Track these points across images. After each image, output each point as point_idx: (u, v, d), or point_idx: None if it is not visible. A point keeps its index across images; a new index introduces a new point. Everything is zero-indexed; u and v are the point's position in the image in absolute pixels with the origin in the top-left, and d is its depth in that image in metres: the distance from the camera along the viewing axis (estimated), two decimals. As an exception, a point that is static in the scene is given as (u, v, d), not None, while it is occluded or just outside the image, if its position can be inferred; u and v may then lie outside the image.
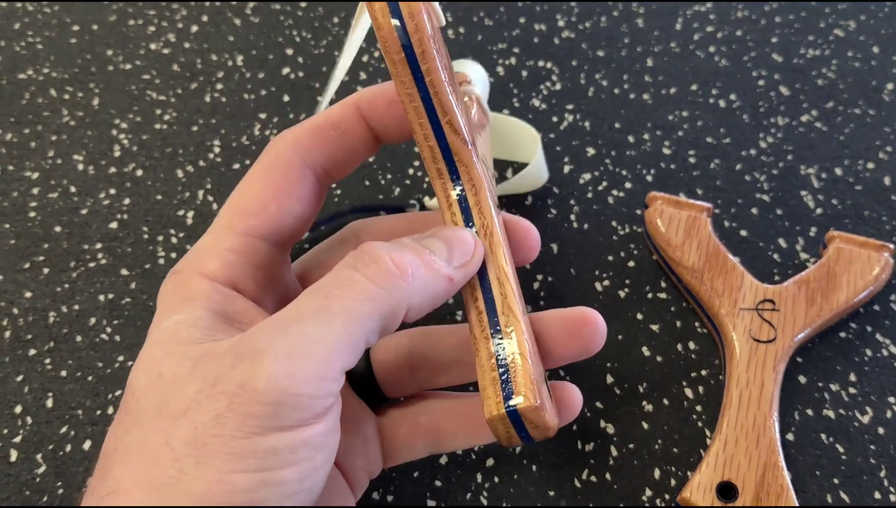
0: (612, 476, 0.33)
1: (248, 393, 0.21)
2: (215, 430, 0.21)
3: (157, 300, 0.26)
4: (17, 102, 0.47)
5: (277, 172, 0.27)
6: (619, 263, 0.39)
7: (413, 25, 0.25)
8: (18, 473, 0.33)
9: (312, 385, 0.22)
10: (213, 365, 0.22)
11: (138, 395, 0.23)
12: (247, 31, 0.50)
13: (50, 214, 0.42)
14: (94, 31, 0.51)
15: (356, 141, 0.28)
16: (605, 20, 0.49)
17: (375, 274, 0.24)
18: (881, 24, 0.48)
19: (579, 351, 0.28)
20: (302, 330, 0.22)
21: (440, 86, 0.26)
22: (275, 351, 0.22)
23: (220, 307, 0.25)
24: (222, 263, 0.26)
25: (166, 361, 0.23)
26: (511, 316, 0.26)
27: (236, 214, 0.27)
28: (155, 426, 0.22)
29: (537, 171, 0.40)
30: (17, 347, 0.37)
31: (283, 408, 0.21)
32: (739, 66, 0.46)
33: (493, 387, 0.25)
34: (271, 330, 0.22)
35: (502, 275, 0.27)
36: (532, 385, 0.25)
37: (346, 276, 0.24)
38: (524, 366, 0.25)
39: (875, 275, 0.35)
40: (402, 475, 0.33)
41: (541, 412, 0.25)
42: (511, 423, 0.25)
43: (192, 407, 0.21)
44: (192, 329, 0.24)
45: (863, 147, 0.42)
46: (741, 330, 0.34)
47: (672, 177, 0.41)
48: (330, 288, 0.23)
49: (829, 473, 0.32)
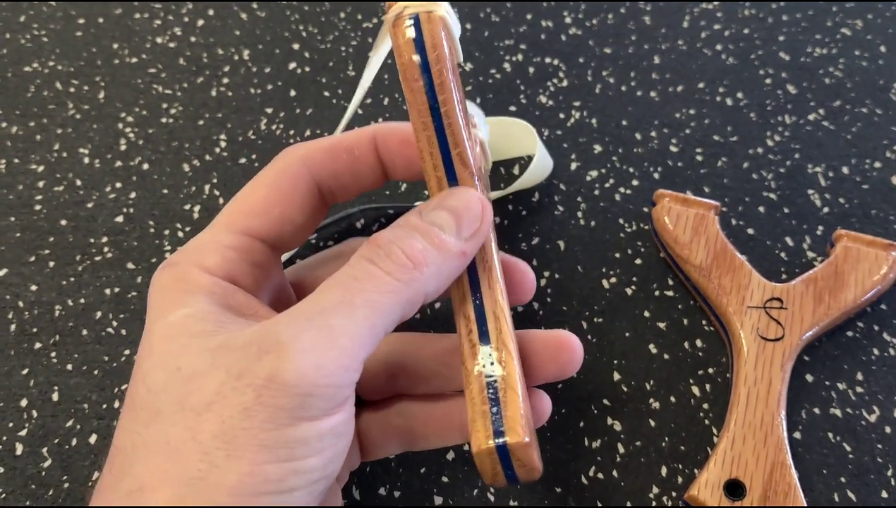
0: (620, 473, 0.33)
1: (278, 385, 0.21)
2: (244, 423, 0.21)
3: (152, 292, 0.26)
4: (23, 95, 0.47)
5: (285, 180, 0.28)
6: (627, 261, 0.39)
7: (434, 56, 0.25)
8: (24, 467, 0.33)
9: (340, 375, 0.22)
10: (235, 357, 0.22)
11: (156, 390, 0.23)
12: (253, 25, 0.50)
13: (55, 208, 0.42)
14: (100, 25, 0.50)
15: (365, 169, 0.29)
16: (613, 17, 0.49)
17: (391, 268, 0.24)
18: (889, 23, 0.48)
19: (556, 373, 0.28)
20: (327, 322, 0.23)
21: (454, 118, 0.26)
22: (301, 343, 0.22)
23: (223, 299, 0.25)
24: (222, 259, 0.26)
25: (183, 355, 0.23)
26: (505, 351, 0.26)
27: (239, 214, 0.28)
28: (177, 420, 0.22)
29: (543, 161, 0.40)
30: (22, 341, 0.37)
31: (312, 399, 0.22)
32: (747, 64, 0.46)
33: (482, 420, 0.25)
34: (295, 321, 0.23)
35: (498, 310, 0.27)
36: (522, 421, 0.25)
37: (364, 269, 0.24)
38: (515, 403, 0.25)
39: (883, 274, 0.35)
40: (408, 471, 0.33)
41: (530, 449, 0.25)
42: (499, 459, 0.25)
43: (216, 401, 0.22)
44: (203, 322, 0.24)
45: (870, 146, 0.42)
46: (749, 328, 0.34)
47: (679, 174, 0.41)
48: (350, 281, 0.24)
49: (837, 472, 0.32)
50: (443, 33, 0.26)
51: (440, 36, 0.26)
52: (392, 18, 0.26)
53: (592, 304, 0.37)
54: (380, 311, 0.23)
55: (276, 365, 0.22)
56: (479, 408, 0.25)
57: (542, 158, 0.40)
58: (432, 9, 0.26)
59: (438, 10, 0.26)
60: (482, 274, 0.27)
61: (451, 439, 0.30)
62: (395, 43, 0.26)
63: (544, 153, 0.40)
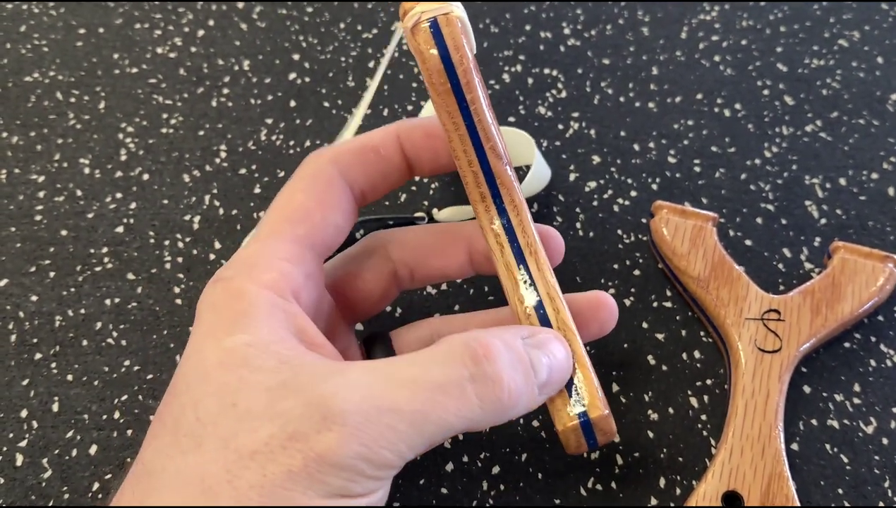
0: (618, 484, 0.33)
1: (330, 466, 0.21)
2: (286, 484, 0.21)
3: (203, 308, 0.25)
4: (23, 105, 0.47)
5: (319, 183, 0.28)
6: (625, 272, 0.39)
7: (458, 57, 0.26)
8: (24, 477, 0.33)
9: (390, 470, 0.23)
10: (293, 413, 0.22)
11: (205, 421, 0.22)
12: (253, 35, 0.50)
13: (56, 218, 0.42)
14: (101, 35, 0.51)
15: (392, 167, 0.29)
16: (611, 28, 0.49)
17: (486, 396, 0.23)
18: (885, 35, 0.48)
19: (597, 331, 0.30)
20: (395, 424, 0.22)
21: (483, 114, 0.27)
22: (367, 437, 0.21)
23: (285, 325, 0.24)
24: (280, 273, 0.25)
25: (241, 391, 0.22)
26: (567, 329, 0.27)
27: (282, 222, 0.27)
28: (218, 458, 0.21)
29: (540, 171, 0.41)
30: (22, 351, 0.37)
31: (357, 485, 0.22)
32: (744, 75, 0.47)
33: (561, 399, 0.27)
34: (365, 404, 0.22)
35: (552, 292, 0.28)
36: (598, 394, 0.27)
37: (458, 384, 0.23)
38: (588, 377, 0.27)
39: (880, 286, 0.35)
40: (407, 482, 0.33)
41: (610, 419, 0.26)
42: (582, 433, 0.26)
43: (262, 452, 0.21)
44: (264, 355, 0.23)
45: (867, 157, 0.42)
46: (746, 339, 0.34)
47: (677, 185, 0.42)
48: (434, 391, 0.23)
49: (834, 483, 0.32)
50: (462, 34, 0.26)
51: (460, 36, 0.26)
52: (411, 25, 0.26)
53: (591, 315, 0.37)
54: (446, 432, 0.23)
55: (333, 446, 0.21)
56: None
57: (539, 168, 0.40)
58: (448, 10, 0.26)
59: (454, 10, 0.26)
60: (529, 258, 0.28)
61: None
62: (416, 49, 0.26)
63: (542, 163, 0.41)
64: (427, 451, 0.30)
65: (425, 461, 0.33)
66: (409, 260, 0.32)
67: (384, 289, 0.32)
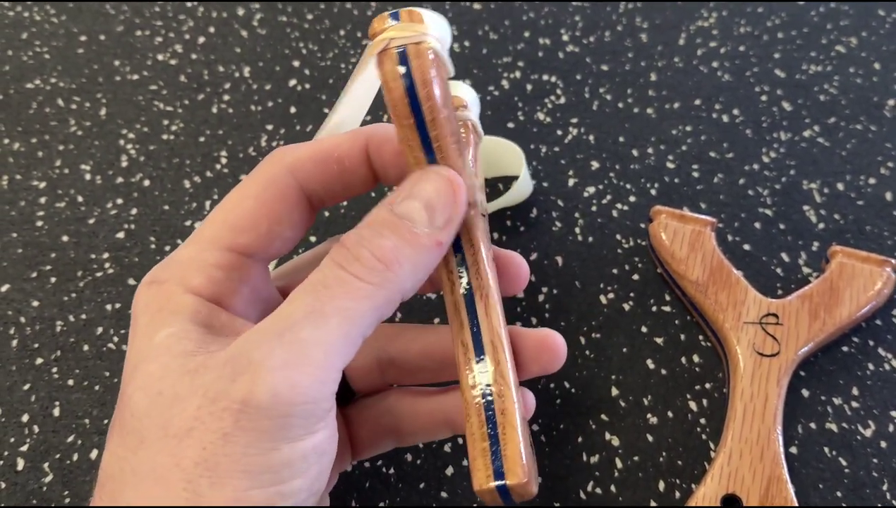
0: (617, 488, 0.33)
1: (254, 409, 0.21)
2: (225, 449, 0.21)
3: (135, 310, 0.25)
4: (25, 112, 0.47)
5: (273, 193, 0.27)
6: (624, 276, 0.39)
7: (425, 93, 0.24)
8: (25, 482, 0.34)
9: (316, 390, 0.22)
10: (210, 378, 0.22)
11: (139, 415, 0.22)
12: (254, 42, 0.51)
13: (57, 224, 0.42)
14: (102, 42, 0.51)
15: (356, 178, 0.28)
16: (610, 35, 0.50)
17: (361, 271, 0.23)
18: (882, 41, 0.48)
19: (539, 371, 0.28)
20: (297, 336, 0.22)
21: (447, 151, 0.25)
22: (272, 361, 0.21)
23: (207, 320, 0.25)
24: (207, 279, 0.25)
25: (165, 378, 0.22)
26: (504, 384, 0.26)
27: (225, 228, 0.26)
28: (161, 447, 0.21)
29: (525, 184, 0.41)
30: (24, 356, 0.37)
31: (291, 419, 0.21)
32: (742, 81, 0.47)
33: (482, 459, 0.25)
34: (266, 338, 0.22)
35: (496, 339, 0.26)
36: (521, 460, 0.25)
37: (334, 275, 0.23)
38: (514, 441, 0.25)
39: (877, 290, 0.36)
40: (407, 486, 0.33)
41: (528, 486, 0.25)
42: (499, 496, 0.25)
43: (195, 426, 0.21)
44: (184, 341, 0.23)
45: (864, 162, 0.43)
46: (745, 343, 0.34)
47: (676, 191, 0.42)
48: (319, 289, 0.23)
49: (833, 486, 0.33)
50: (433, 67, 0.24)
51: (429, 70, 0.24)
52: (377, 52, 0.24)
53: (590, 320, 0.37)
54: (353, 318, 0.23)
55: (250, 388, 0.21)
56: (479, 445, 0.25)
57: (524, 182, 0.41)
58: (420, 39, 0.24)
59: (426, 40, 0.24)
60: (478, 300, 0.27)
61: (439, 434, 0.30)
62: (382, 78, 0.24)
63: (527, 176, 0.41)
64: (368, 391, 0.31)
65: (425, 465, 0.34)
66: None
67: None
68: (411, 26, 0.25)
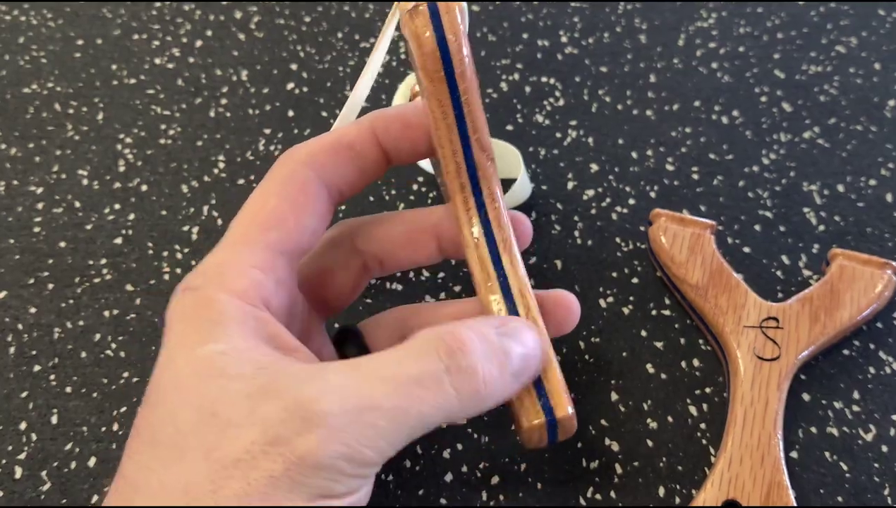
0: (617, 493, 0.33)
1: (311, 468, 0.21)
2: (268, 490, 0.21)
3: (173, 318, 0.24)
4: (22, 117, 0.47)
5: (294, 187, 0.27)
6: (623, 280, 0.39)
7: (456, 46, 0.25)
8: (23, 490, 0.33)
9: (371, 468, 0.23)
10: (274, 418, 0.22)
11: (185, 432, 0.22)
12: (251, 46, 0.50)
13: (55, 229, 0.42)
14: (99, 46, 0.51)
15: (369, 162, 0.29)
16: (609, 36, 0.49)
17: (462, 388, 0.23)
18: (882, 41, 0.48)
19: (554, 330, 0.29)
20: (374, 421, 0.22)
21: (474, 105, 0.26)
22: (347, 437, 0.22)
23: (257, 333, 0.24)
24: (251, 281, 0.25)
25: (221, 399, 0.22)
26: (538, 327, 0.27)
27: (254, 227, 0.26)
28: (202, 468, 0.21)
29: (524, 187, 0.41)
30: (21, 363, 0.37)
31: (339, 485, 0.22)
32: (742, 82, 0.47)
33: (529, 398, 0.26)
34: (346, 403, 0.22)
35: (524, 288, 0.28)
36: (565, 394, 0.27)
37: (434, 377, 0.23)
38: (555, 377, 0.27)
39: (878, 293, 0.35)
40: (406, 493, 0.33)
41: (573, 419, 0.26)
42: (546, 431, 0.26)
43: (245, 459, 0.21)
44: (240, 363, 0.23)
45: (865, 163, 0.42)
46: (745, 347, 0.34)
47: (675, 193, 0.42)
48: (412, 386, 0.23)
49: (834, 491, 0.32)
50: (462, 23, 0.25)
51: (459, 25, 0.25)
52: (408, 8, 0.25)
53: (589, 324, 0.37)
54: (425, 424, 0.23)
55: (313, 448, 0.21)
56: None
57: (523, 184, 0.41)
58: None
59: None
60: (503, 254, 0.28)
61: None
62: (412, 33, 0.25)
63: (526, 179, 0.41)
64: (412, 445, 0.31)
65: (424, 472, 0.33)
66: (377, 252, 0.31)
67: (354, 282, 0.32)
68: None
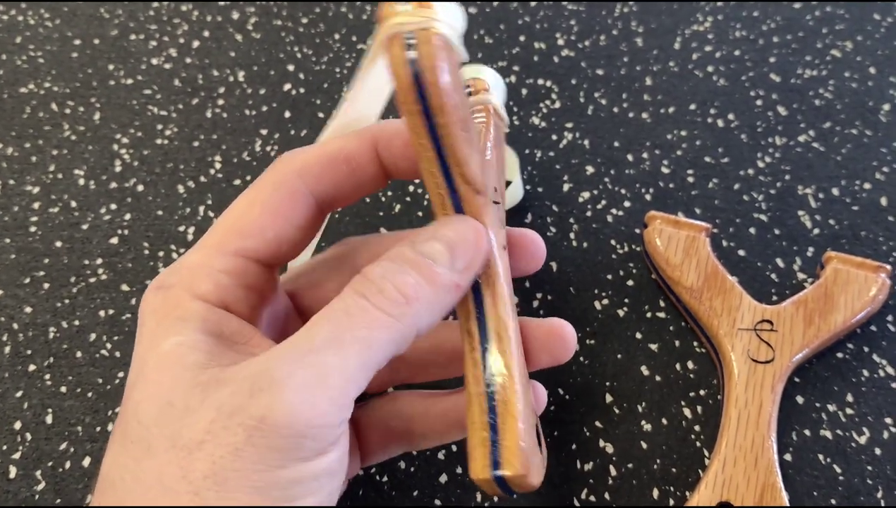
0: (611, 495, 0.33)
1: (269, 427, 0.21)
2: (235, 464, 0.21)
3: (144, 315, 0.25)
4: (19, 116, 0.47)
5: (280, 198, 0.27)
6: (618, 282, 0.39)
7: (433, 79, 0.24)
8: (17, 490, 0.33)
9: (332, 415, 0.22)
10: (226, 393, 0.22)
11: (147, 424, 0.22)
12: (248, 46, 0.50)
13: (50, 229, 0.42)
14: (96, 46, 0.51)
15: (366, 177, 0.28)
16: (605, 39, 0.50)
17: (383, 303, 0.24)
18: (878, 45, 0.48)
19: (549, 361, 0.29)
20: (318, 360, 0.22)
21: (454, 139, 0.25)
22: (294, 382, 0.22)
23: (216, 328, 0.25)
24: (215, 285, 0.26)
25: (176, 389, 0.23)
26: (507, 375, 0.26)
27: (231, 234, 0.27)
28: (170, 458, 0.21)
29: (517, 190, 0.41)
30: (16, 363, 0.37)
31: (305, 440, 0.22)
32: (737, 85, 0.47)
33: (482, 449, 0.25)
34: (288, 358, 0.22)
35: (502, 329, 0.26)
36: (520, 452, 0.25)
37: (356, 304, 0.24)
38: (514, 432, 0.25)
39: (872, 296, 0.35)
40: (401, 493, 0.33)
41: (527, 479, 0.25)
42: (497, 486, 0.25)
43: (207, 440, 0.21)
44: (196, 352, 0.23)
45: (860, 167, 0.42)
46: (739, 350, 0.34)
47: (671, 196, 0.42)
48: (341, 316, 0.23)
49: (827, 494, 0.32)
50: (442, 53, 0.24)
51: (437, 57, 0.23)
52: (386, 38, 0.24)
53: (584, 326, 0.37)
54: (371, 348, 0.23)
55: (269, 405, 0.21)
56: (479, 434, 0.25)
57: (517, 188, 0.41)
58: (429, 25, 0.24)
59: (435, 25, 0.24)
60: (485, 290, 0.27)
61: (452, 435, 0.30)
62: (390, 65, 0.24)
63: (519, 183, 0.41)
64: (377, 389, 0.32)
65: (419, 472, 0.34)
66: None
67: None
68: (420, 11, 0.24)
